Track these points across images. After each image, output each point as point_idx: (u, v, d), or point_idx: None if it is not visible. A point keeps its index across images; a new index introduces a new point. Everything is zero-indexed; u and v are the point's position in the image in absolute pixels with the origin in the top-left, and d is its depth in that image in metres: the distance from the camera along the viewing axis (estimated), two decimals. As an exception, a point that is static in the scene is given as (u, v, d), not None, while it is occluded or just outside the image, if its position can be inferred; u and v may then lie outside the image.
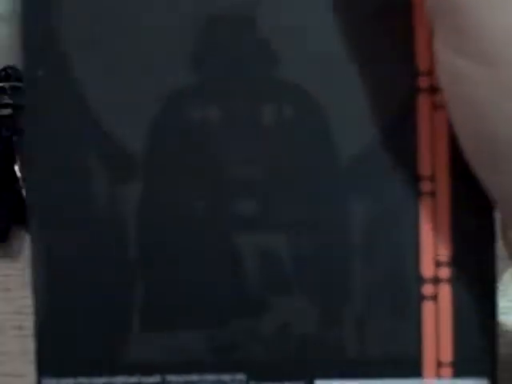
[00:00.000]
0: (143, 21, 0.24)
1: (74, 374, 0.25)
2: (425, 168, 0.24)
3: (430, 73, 0.24)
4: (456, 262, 0.24)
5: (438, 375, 0.25)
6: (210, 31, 0.24)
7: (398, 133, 0.24)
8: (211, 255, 0.25)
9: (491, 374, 0.25)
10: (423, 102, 0.24)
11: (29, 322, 0.32)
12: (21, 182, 0.37)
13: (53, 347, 0.25)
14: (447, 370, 0.25)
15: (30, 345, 0.29)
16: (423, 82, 0.24)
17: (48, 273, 0.25)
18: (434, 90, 0.24)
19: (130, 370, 0.25)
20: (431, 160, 0.24)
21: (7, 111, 0.39)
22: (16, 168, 0.37)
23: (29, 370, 0.31)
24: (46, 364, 0.25)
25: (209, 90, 0.25)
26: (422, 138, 0.24)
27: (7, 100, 0.39)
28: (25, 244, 0.38)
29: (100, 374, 0.25)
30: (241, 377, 0.25)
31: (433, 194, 0.24)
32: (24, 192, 0.37)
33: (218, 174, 0.25)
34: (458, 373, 0.25)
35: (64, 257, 0.25)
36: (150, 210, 0.25)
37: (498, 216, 0.24)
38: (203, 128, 0.25)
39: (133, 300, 0.25)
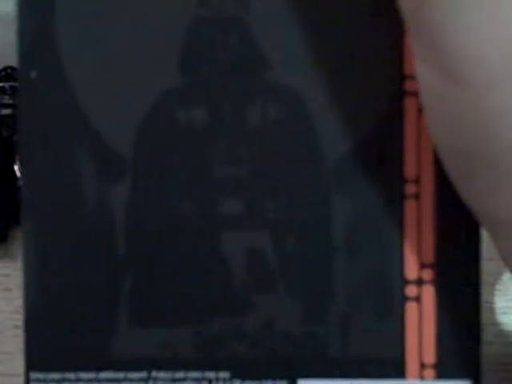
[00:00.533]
0: (133, 23, 0.25)
1: (62, 369, 0.25)
2: (410, 171, 0.24)
3: None
4: (440, 263, 0.24)
5: (421, 377, 0.25)
6: (198, 32, 0.25)
7: (384, 135, 0.24)
8: (198, 253, 0.25)
9: (475, 376, 0.25)
10: (410, 105, 0.24)
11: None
12: (20, 182, 0.37)
13: (41, 342, 0.25)
14: (430, 372, 0.25)
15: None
16: (410, 86, 0.24)
17: (37, 269, 0.25)
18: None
19: (116, 366, 0.25)
20: (417, 163, 0.24)
21: (7, 111, 0.39)
22: (16, 168, 0.37)
23: (28, 369, 0.31)
24: (34, 358, 0.25)
25: (196, 91, 0.25)
26: (407, 141, 0.24)
27: (7, 100, 0.39)
28: (25, 244, 0.38)
29: (87, 370, 0.25)
30: (225, 374, 0.25)
31: (417, 196, 0.24)
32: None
33: (205, 174, 0.25)
34: (441, 374, 0.25)
35: (53, 254, 0.25)
36: (138, 208, 0.25)
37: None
38: (191, 128, 0.25)
39: (120, 297, 0.25)
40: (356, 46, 0.24)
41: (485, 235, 0.24)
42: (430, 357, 0.25)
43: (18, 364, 0.33)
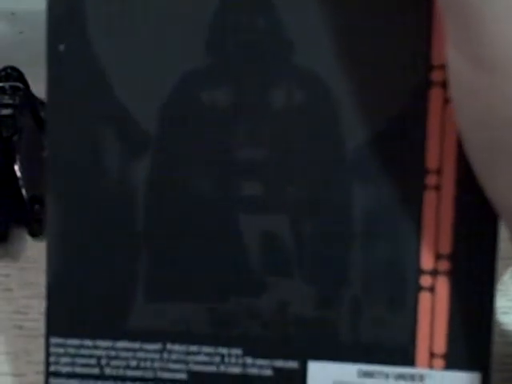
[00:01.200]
0: (161, 2, 0.25)
1: (80, 336, 0.26)
2: (432, 161, 0.24)
3: (444, 67, 0.24)
4: (456, 255, 0.25)
5: (430, 366, 0.25)
6: (225, 14, 0.25)
7: (408, 125, 0.24)
8: (215, 233, 0.25)
9: (484, 369, 0.25)
10: (435, 96, 0.24)
11: (29, 322, 0.32)
12: (20, 182, 0.37)
13: (62, 310, 0.26)
14: (440, 362, 0.25)
15: (30, 344, 0.29)
16: (437, 76, 0.24)
17: (60, 242, 0.26)
18: (446, 84, 0.24)
19: (132, 337, 0.26)
20: (439, 154, 0.24)
21: (7, 111, 0.39)
22: (16, 168, 0.37)
23: (29, 369, 0.31)
24: (54, 324, 0.26)
25: (222, 72, 0.25)
26: (431, 132, 0.24)
27: (7, 100, 0.39)
28: (25, 244, 0.38)
29: (104, 338, 0.26)
30: (237, 351, 0.26)
31: (438, 187, 0.25)
32: (24, 191, 0.37)
33: (227, 155, 0.25)
34: (451, 365, 0.25)
35: (75, 227, 0.26)
36: (159, 185, 0.25)
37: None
38: (214, 109, 0.25)
39: (138, 271, 0.26)
40: (383, 34, 0.24)
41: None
42: (440, 347, 0.25)
43: (19, 364, 0.33)
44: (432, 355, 0.25)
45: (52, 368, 0.26)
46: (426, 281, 0.25)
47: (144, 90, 0.25)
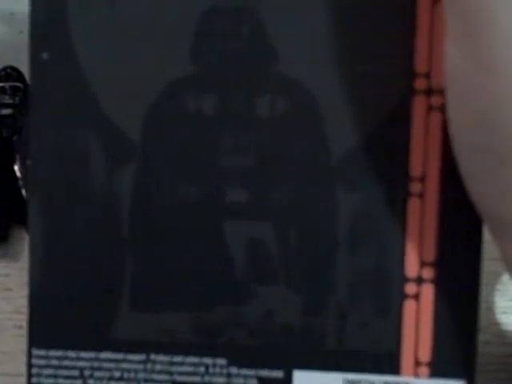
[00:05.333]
0: (146, 9, 0.25)
1: (63, 347, 0.26)
2: (416, 169, 0.24)
3: (428, 75, 0.24)
4: (441, 263, 0.25)
5: (416, 374, 0.25)
6: (211, 22, 0.25)
7: (392, 132, 0.24)
8: (200, 240, 0.25)
9: (469, 376, 0.25)
10: (419, 104, 0.24)
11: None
12: (20, 182, 0.37)
13: (44, 320, 0.26)
14: (425, 370, 0.25)
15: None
16: (420, 84, 0.24)
17: (42, 249, 0.26)
18: (430, 92, 0.24)
19: (116, 347, 0.26)
20: (423, 161, 0.24)
21: (7, 111, 0.39)
22: (16, 168, 0.37)
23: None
24: (36, 336, 0.26)
25: (206, 80, 0.25)
26: (415, 139, 0.24)
27: (7, 100, 0.39)
28: (25, 244, 0.38)
29: (87, 349, 0.26)
30: (222, 361, 0.25)
31: (422, 195, 0.25)
32: (24, 191, 0.37)
33: (212, 162, 0.25)
34: (436, 373, 0.25)
35: (58, 235, 0.26)
36: (144, 193, 0.25)
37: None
38: (199, 116, 0.25)
39: (122, 280, 0.26)
40: (367, 43, 0.24)
41: (486, 235, 0.24)
42: (425, 355, 0.25)
43: (18, 364, 0.33)
44: (417, 363, 0.25)
45: (34, 380, 0.26)
46: (410, 288, 0.25)
47: (129, 97, 0.25)
